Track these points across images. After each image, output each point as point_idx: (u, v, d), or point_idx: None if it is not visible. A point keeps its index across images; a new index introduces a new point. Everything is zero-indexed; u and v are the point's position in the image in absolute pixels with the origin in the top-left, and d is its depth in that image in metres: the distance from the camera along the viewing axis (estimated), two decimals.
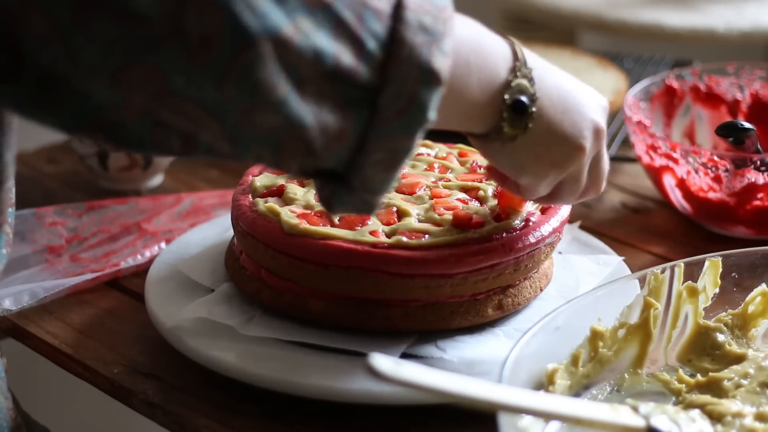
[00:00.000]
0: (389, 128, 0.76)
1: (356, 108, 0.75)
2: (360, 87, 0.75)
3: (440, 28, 0.77)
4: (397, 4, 0.76)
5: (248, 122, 0.73)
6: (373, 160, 0.77)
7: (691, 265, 0.96)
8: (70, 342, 1.04)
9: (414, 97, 0.76)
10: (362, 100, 0.75)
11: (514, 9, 2.07)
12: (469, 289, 0.97)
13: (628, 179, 1.35)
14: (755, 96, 1.34)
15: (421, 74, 0.76)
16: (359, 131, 0.76)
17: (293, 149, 0.75)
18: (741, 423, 0.85)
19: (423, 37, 0.76)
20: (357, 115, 0.75)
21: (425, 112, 0.77)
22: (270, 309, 1.00)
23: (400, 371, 0.73)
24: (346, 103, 0.75)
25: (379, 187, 0.80)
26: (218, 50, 0.69)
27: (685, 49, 2.15)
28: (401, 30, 0.75)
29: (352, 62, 0.74)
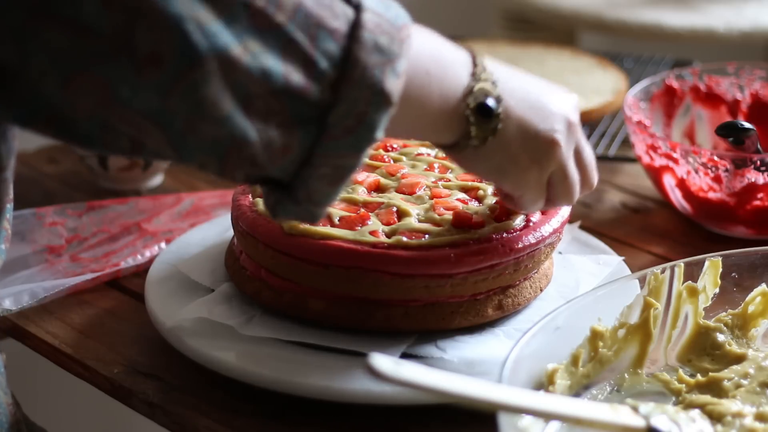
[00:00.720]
0: (337, 145, 0.78)
1: (304, 124, 0.77)
2: (310, 104, 0.77)
3: (395, 49, 0.78)
4: (354, 24, 0.77)
5: (192, 133, 0.75)
6: (319, 174, 0.79)
7: (691, 265, 0.96)
8: (70, 342, 1.04)
9: (363, 117, 0.78)
10: (311, 117, 0.77)
11: (514, 9, 2.07)
12: (469, 289, 0.97)
13: (628, 179, 1.35)
14: (755, 96, 1.34)
15: (372, 95, 0.77)
16: (306, 147, 0.78)
17: (237, 161, 0.77)
18: (741, 423, 0.85)
19: (377, 57, 0.77)
20: (304, 131, 0.77)
21: (373, 131, 0.79)
22: (270, 309, 1.00)
23: (400, 371, 0.73)
24: (294, 120, 0.77)
25: (324, 200, 0.81)
26: (166, 67, 0.72)
27: (685, 49, 2.15)
28: (356, 50, 0.77)
29: (302, 81, 0.76)
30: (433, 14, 2.36)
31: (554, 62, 1.53)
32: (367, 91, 0.77)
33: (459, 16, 2.40)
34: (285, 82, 0.75)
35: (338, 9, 0.77)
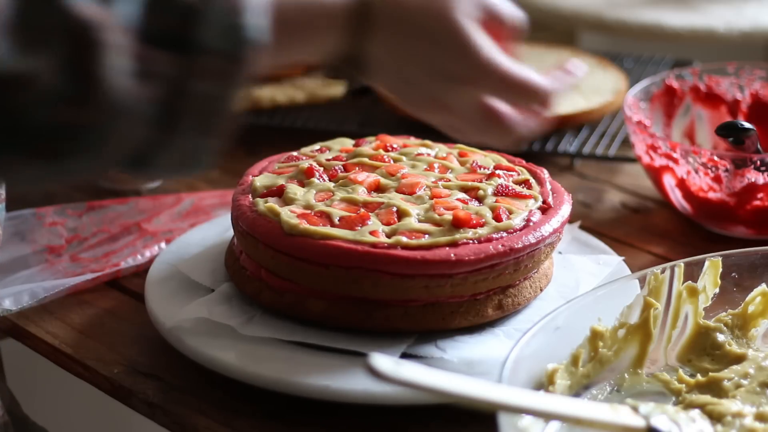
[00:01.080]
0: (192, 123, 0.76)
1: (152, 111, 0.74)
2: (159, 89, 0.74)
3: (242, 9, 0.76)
4: None
5: None
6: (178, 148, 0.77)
7: (691, 265, 0.96)
8: (70, 342, 1.04)
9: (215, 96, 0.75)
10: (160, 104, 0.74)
11: None
12: (469, 289, 0.97)
13: (628, 179, 1.35)
14: (755, 96, 1.34)
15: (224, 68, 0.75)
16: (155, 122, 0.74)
17: None
18: (741, 423, 0.85)
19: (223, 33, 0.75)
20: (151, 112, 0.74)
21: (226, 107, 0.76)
22: (270, 309, 1.00)
23: (400, 371, 0.73)
24: None
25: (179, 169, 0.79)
26: None
27: (685, 49, 2.15)
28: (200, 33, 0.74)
29: None
30: None
31: (554, 62, 1.53)
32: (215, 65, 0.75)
33: None
34: None
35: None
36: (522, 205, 1.02)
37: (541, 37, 2.00)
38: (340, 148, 1.11)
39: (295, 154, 1.10)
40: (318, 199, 1.01)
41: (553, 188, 1.06)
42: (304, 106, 1.46)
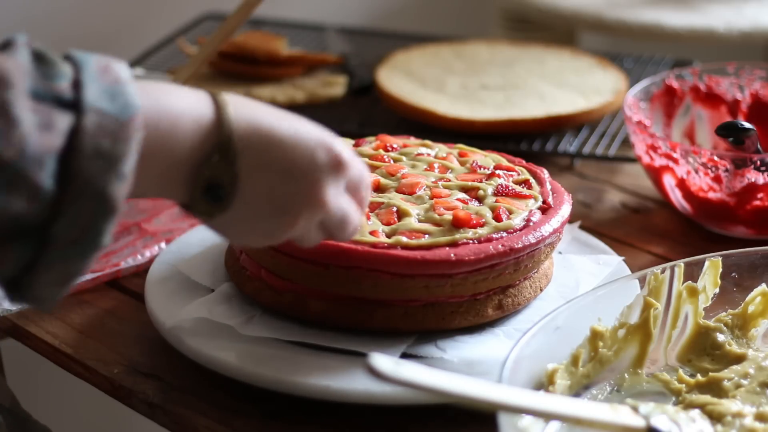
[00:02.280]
0: (62, 254, 0.75)
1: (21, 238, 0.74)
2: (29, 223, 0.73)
3: (120, 149, 0.75)
4: (73, 131, 0.74)
5: None
6: (44, 280, 0.76)
7: (691, 265, 0.96)
8: (70, 342, 1.04)
9: (88, 227, 0.75)
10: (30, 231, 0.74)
11: (514, 9, 2.07)
12: (469, 289, 0.97)
13: (628, 179, 1.35)
14: (755, 96, 1.34)
15: (96, 205, 0.75)
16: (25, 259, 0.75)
17: None
18: (741, 423, 0.85)
19: (99, 164, 0.74)
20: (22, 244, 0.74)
21: (99, 238, 0.76)
22: (270, 309, 1.00)
23: (400, 371, 0.73)
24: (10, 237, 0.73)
25: (52, 298, 0.78)
26: None
27: (685, 49, 2.15)
28: (76, 161, 0.74)
29: (23, 207, 0.73)
30: (433, 14, 2.37)
31: (554, 62, 1.53)
32: (90, 202, 0.74)
33: (459, 16, 2.40)
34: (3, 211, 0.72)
35: (57, 120, 0.73)
36: (522, 205, 1.02)
37: (541, 37, 2.00)
38: None
39: None
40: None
41: (553, 188, 1.06)
42: (304, 106, 1.46)
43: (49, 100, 0.74)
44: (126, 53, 1.70)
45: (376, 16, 2.30)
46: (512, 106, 1.41)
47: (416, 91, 1.44)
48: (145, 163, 0.78)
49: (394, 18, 2.31)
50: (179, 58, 1.55)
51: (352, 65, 1.56)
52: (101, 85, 0.76)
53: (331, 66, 1.55)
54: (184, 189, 0.82)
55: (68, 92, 0.75)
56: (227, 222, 0.85)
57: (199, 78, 1.47)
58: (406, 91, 1.44)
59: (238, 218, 0.84)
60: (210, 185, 0.82)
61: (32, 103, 0.73)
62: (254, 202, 0.84)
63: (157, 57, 1.57)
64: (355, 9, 2.27)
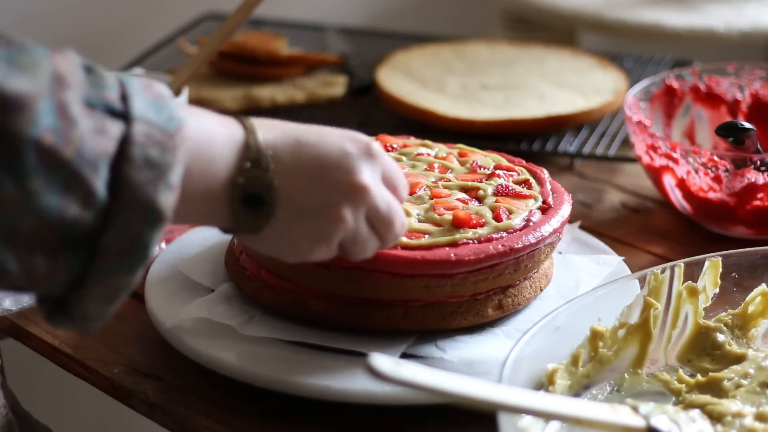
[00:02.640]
0: (110, 267, 0.75)
1: (73, 249, 0.74)
2: (81, 231, 0.74)
3: (168, 159, 0.76)
4: (124, 140, 0.75)
5: None
6: (93, 295, 0.76)
7: (691, 265, 0.96)
8: (70, 342, 1.04)
9: (137, 238, 0.75)
10: (81, 242, 0.74)
11: (514, 9, 2.07)
12: (469, 289, 0.97)
13: (628, 179, 1.35)
14: (755, 96, 1.34)
15: (144, 214, 0.75)
16: (74, 271, 0.75)
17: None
18: (741, 423, 0.85)
19: (149, 173, 0.75)
20: (73, 255, 0.74)
21: (147, 250, 0.76)
22: (270, 309, 1.00)
23: (400, 371, 0.73)
24: (62, 246, 0.74)
25: (98, 317, 0.78)
26: None
27: (685, 49, 2.15)
28: (126, 169, 0.74)
29: (77, 212, 0.73)
30: (433, 14, 2.37)
31: (554, 62, 1.53)
32: (139, 211, 0.75)
33: (459, 16, 2.40)
34: (59, 215, 0.73)
35: (108, 127, 0.75)
36: (522, 205, 1.02)
37: (541, 37, 2.00)
38: None
39: None
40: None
41: (553, 188, 1.06)
42: (304, 106, 1.46)
43: (100, 108, 0.75)
44: (126, 53, 1.70)
45: (376, 16, 2.30)
46: (512, 106, 1.41)
47: (416, 91, 1.44)
48: (188, 181, 0.80)
49: (394, 18, 2.31)
50: (179, 58, 1.55)
51: (352, 65, 1.56)
52: (146, 98, 0.77)
53: (331, 66, 1.55)
54: (226, 206, 0.83)
55: (117, 102, 0.76)
56: (275, 234, 0.85)
57: (199, 78, 1.47)
58: (406, 91, 1.44)
59: (284, 225, 0.85)
60: (248, 195, 0.83)
61: (86, 109, 0.74)
62: (295, 203, 0.85)
63: (157, 57, 1.57)
64: (355, 9, 2.27)
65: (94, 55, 1.84)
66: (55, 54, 0.75)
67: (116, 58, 1.72)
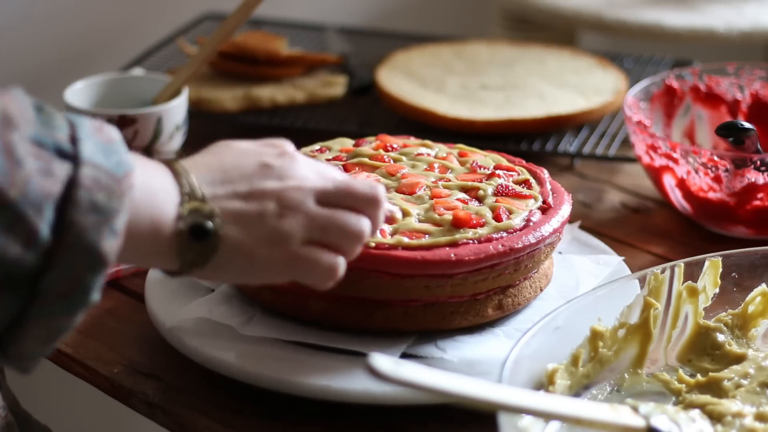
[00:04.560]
0: (50, 309, 0.75)
1: (13, 289, 0.74)
2: (22, 271, 0.74)
3: (114, 205, 0.76)
4: (70, 182, 0.75)
5: None
6: (31, 335, 0.76)
7: (691, 265, 0.96)
8: (70, 342, 1.04)
9: (78, 281, 0.75)
10: (22, 283, 0.74)
11: (514, 9, 2.07)
12: (469, 289, 0.97)
13: (628, 179, 1.35)
14: (755, 96, 1.34)
15: (87, 259, 0.75)
16: (13, 312, 0.75)
17: None
18: (741, 423, 0.85)
19: (94, 218, 0.75)
20: (13, 296, 0.74)
21: (88, 294, 0.76)
22: (270, 309, 1.00)
23: (400, 371, 0.73)
24: (2, 286, 0.73)
25: (35, 357, 0.78)
26: None
27: (685, 49, 2.15)
28: (71, 212, 0.74)
29: (19, 253, 0.73)
30: (433, 14, 2.37)
31: (554, 62, 1.53)
32: (82, 255, 0.75)
33: (459, 16, 2.40)
34: (0, 255, 0.73)
35: (56, 168, 0.74)
36: (522, 205, 1.02)
37: (541, 37, 2.00)
38: (340, 148, 1.11)
39: None
40: None
41: (553, 188, 1.06)
42: (304, 106, 1.46)
43: (49, 148, 0.75)
44: (126, 53, 1.70)
45: (376, 16, 2.30)
46: (512, 106, 1.41)
47: (416, 91, 1.44)
48: (136, 225, 0.80)
49: (394, 18, 2.31)
50: (179, 58, 1.55)
51: (352, 65, 1.56)
52: (96, 141, 0.77)
53: (331, 66, 1.55)
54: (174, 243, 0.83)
55: (66, 143, 0.76)
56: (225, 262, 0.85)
57: (199, 78, 1.47)
58: (406, 91, 1.44)
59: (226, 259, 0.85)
60: (194, 227, 0.83)
61: (34, 149, 0.74)
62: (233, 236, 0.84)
63: (157, 57, 1.57)
64: (355, 9, 2.27)
65: (94, 55, 1.84)
66: (2, 94, 0.74)
67: (116, 58, 1.72)
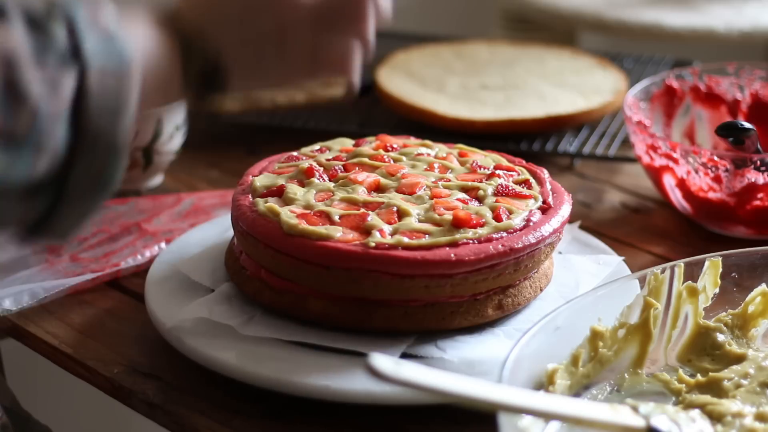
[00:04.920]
0: (77, 202, 0.79)
1: (40, 194, 0.78)
2: (49, 179, 0.77)
3: (123, 99, 0.79)
4: (79, 91, 0.77)
5: None
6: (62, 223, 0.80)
7: (691, 265, 0.96)
8: (70, 342, 1.04)
9: (100, 174, 0.79)
10: (48, 187, 0.78)
11: (514, 9, 2.07)
12: (469, 289, 0.97)
13: (628, 179, 1.35)
14: (755, 96, 1.34)
15: (106, 153, 0.78)
16: (44, 209, 0.79)
17: None
18: (741, 423, 0.85)
19: (106, 118, 0.78)
20: (42, 198, 0.78)
21: (112, 181, 0.80)
22: (270, 309, 1.00)
23: (400, 371, 0.73)
24: (33, 194, 0.77)
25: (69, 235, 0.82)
26: None
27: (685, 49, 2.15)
28: (84, 120, 0.77)
29: (44, 169, 0.76)
30: (434, 14, 2.37)
31: (554, 62, 1.53)
32: (101, 152, 0.78)
33: (459, 16, 2.40)
34: (28, 177, 0.76)
35: (62, 81, 0.76)
36: (522, 205, 1.02)
37: (541, 37, 2.00)
38: (340, 148, 1.11)
39: (295, 154, 1.11)
40: (318, 199, 1.01)
41: (553, 188, 1.06)
42: (304, 106, 1.46)
43: (52, 65, 0.76)
44: None
45: None
46: (512, 106, 1.41)
47: (416, 91, 1.44)
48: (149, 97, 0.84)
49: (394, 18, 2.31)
50: None
51: None
52: (96, 37, 0.78)
53: None
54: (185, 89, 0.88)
55: (68, 53, 0.77)
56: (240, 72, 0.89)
57: None
58: (406, 91, 1.44)
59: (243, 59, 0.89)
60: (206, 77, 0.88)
61: (38, 72, 0.75)
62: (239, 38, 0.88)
63: None
64: None
65: None
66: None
67: None
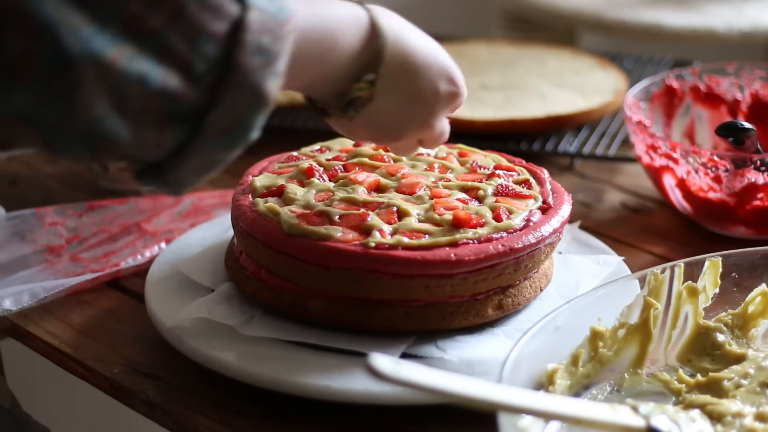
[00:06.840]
0: (211, 143, 0.79)
1: (180, 123, 0.77)
2: (188, 106, 0.77)
3: (278, 48, 0.79)
4: (237, 26, 0.77)
5: (64, 131, 0.75)
6: (190, 166, 0.80)
7: (691, 265, 0.96)
8: (70, 342, 1.04)
9: (240, 119, 0.79)
10: (187, 117, 0.77)
11: (514, 9, 2.07)
12: (469, 289, 0.97)
13: (628, 179, 1.35)
14: (755, 96, 1.34)
15: (251, 98, 0.79)
16: (179, 143, 0.79)
17: (107, 154, 0.78)
18: (741, 423, 0.85)
19: (259, 59, 0.78)
20: (179, 128, 0.78)
21: (249, 131, 0.80)
22: (270, 309, 1.00)
23: (400, 371, 0.73)
24: (170, 118, 0.77)
25: (189, 184, 0.83)
26: (38, 71, 0.72)
27: (685, 49, 2.15)
28: (238, 54, 0.77)
29: (180, 84, 0.76)
30: (433, 14, 2.37)
31: (554, 62, 1.53)
32: (247, 94, 0.78)
33: (459, 16, 2.40)
34: (162, 84, 0.75)
35: (224, 9, 0.77)
36: (522, 205, 1.02)
37: (541, 37, 2.00)
38: (340, 148, 1.11)
39: (295, 154, 1.11)
40: (318, 199, 1.01)
41: (553, 188, 1.06)
42: (304, 106, 1.46)
43: None
44: None
45: None
46: (512, 106, 1.41)
47: None
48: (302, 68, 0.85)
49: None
50: None
51: None
52: None
53: None
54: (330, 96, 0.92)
55: None
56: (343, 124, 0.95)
57: None
58: None
59: (355, 125, 0.95)
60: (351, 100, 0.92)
61: None
62: (377, 115, 0.94)
63: None
64: None
65: None
66: None
67: None
